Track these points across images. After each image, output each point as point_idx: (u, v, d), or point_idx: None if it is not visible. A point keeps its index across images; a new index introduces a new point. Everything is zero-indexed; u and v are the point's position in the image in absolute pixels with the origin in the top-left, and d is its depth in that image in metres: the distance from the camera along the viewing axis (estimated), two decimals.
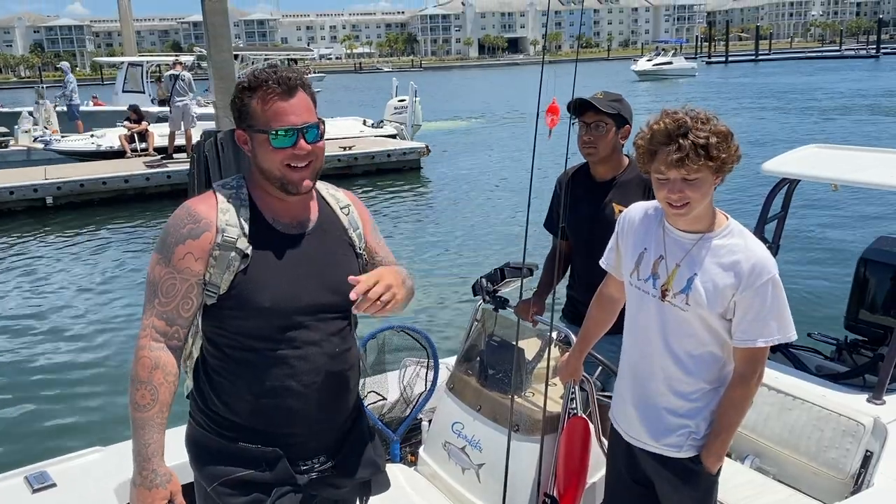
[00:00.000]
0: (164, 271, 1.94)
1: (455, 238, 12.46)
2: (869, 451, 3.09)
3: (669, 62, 65.02)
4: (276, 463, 2.01)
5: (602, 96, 3.18)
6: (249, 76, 1.96)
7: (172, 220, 1.98)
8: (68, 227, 13.74)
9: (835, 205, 12.90)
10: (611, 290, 2.62)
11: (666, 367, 2.30)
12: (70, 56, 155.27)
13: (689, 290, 2.20)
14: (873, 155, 4.27)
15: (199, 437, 2.08)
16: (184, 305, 1.95)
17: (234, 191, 2.02)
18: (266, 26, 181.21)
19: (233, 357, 2.02)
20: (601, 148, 3.16)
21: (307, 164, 1.96)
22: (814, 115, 30.12)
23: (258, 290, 1.95)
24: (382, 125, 21.52)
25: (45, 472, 2.96)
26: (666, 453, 2.34)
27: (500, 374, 3.13)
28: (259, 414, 2.02)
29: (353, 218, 2.20)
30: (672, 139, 2.07)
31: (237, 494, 2.00)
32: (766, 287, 2.15)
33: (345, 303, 2.07)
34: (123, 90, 22.88)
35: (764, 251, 2.21)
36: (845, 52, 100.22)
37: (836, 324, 4.82)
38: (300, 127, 1.93)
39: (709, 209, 2.22)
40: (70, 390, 6.94)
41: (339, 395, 2.12)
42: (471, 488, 3.07)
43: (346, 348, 2.12)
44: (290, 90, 1.93)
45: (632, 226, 2.42)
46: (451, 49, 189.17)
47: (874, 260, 4.49)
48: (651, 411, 2.36)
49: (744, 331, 2.19)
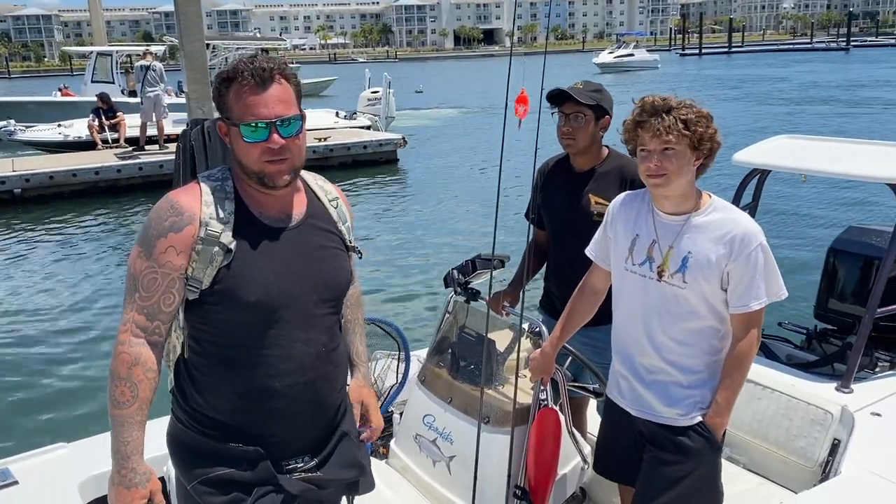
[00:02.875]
0: (144, 265, 1.86)
1: (429, 230, 12.45)
2: (836, 440, 3.12)
3: (631, 54, 64.85)
4: (258, 462, 1.96)
5: (582, 86, 3.13)
6: (228, 68, 1.89)
7: (154, 212, 1.90)
8: (37, 221, 13.50)
9: (806, 195, 13.06)
10: (595, 282, 2.68)
11: (668, 345, 2.41)
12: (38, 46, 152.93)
13: (684, 268, 2.34)
14: (842, 145, 4.31)
15: (180, 434, 2.02)
16: (165, 300, 1.87)
17: (220, 182, 1.95)
18: (239, 16, 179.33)
19: (215, 354, 1.95)
20: (580, 139, 3.12)
21: (284, 159, 1.88)
22: (784, 105, 30.47)
23: (242, 285, 1.88)
24: (356, 117, 21.39)
25: (6, 470, 2.90)
26: (674, 423, 2.43)
27: (472, 366, 3.11)
28: (241, 413, 1.96)
29: (342, 211, 2.14)
30: (657, 112, 2.26)
31: (217, 493, 1.95)
32: (756, 253, 2.29)
33: (335, 297, 2.06)
34: (92, 80, 22.46)
35: (750, 221, 2.35)
36: (816, 45, 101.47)
37: (806, 313, 4.88)
38: (273, 120, 1.85)
39: (692, 190, 2.37)
40: (34, 387, 6.82)
41: (325, 396, 2.05)
42: (442, 481, 3.05)
43: (333, 347, 2.06)
44: (264, 82, 1.85)
45: (621, 214, 2.52)
46: (427, 40, 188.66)
47: (843, 250, 4.54)
48: (657, 386, 2.46)
49: (739, 297, 2.33)
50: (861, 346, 3.57)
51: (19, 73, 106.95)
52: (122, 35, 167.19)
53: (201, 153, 2.95)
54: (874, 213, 11.15)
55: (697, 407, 2.43)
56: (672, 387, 2.44)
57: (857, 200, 12.74)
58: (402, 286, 9.37)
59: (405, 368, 3.60)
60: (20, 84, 71.41)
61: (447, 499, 3.00)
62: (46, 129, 19.23)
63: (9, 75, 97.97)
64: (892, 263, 3.69)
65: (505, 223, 3.04)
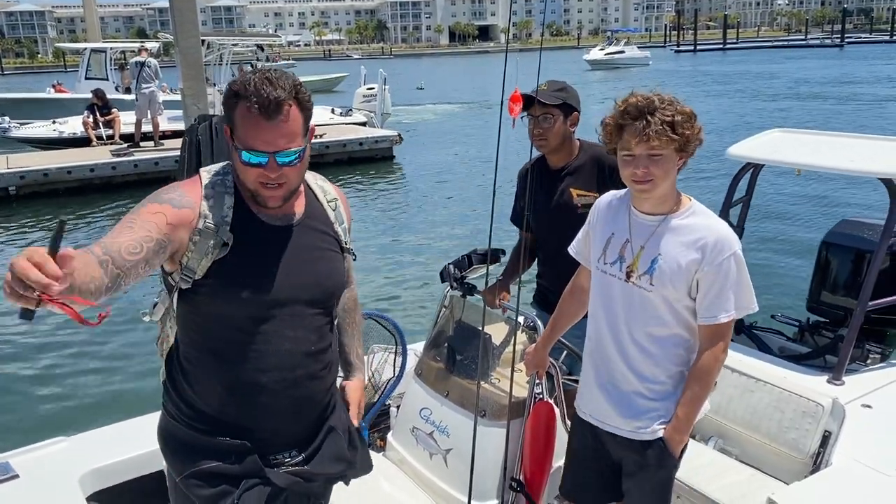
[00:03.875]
0: (126, 218, 1.80)
1: (425, 226, 12.47)
2: (827, 432, 3.15)
3: (621, 51, 64.23)
4: (245, 455, 1.98)
5: (546, 87, 3.20)
6: (241, 81, 1.85)
7: (156, 191, 1.90)
8: (33, 218, 13.48)
9: (799, 189, 13.12)
10: (582, 282, 2.64)
11: (632, 351, 2.34)
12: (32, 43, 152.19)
13: (653, 270, 2.25)
14: (835, 139, 4.34)
15: (170, 427, 2.06)
16: (130, 248, 1.68)
17: (221, 177, 1.96)
18: (233, 13, 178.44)
19: (205, 346, 1.98)
20: (551, 139, 3.22)
21: (280, 184, 1.88)
22: (777, 101, 30.52)
23: (235, 279, 1.91)
24: (352, 113, 21.36)
25: (7, 464, 2.92)
26: (634, 436, 2.37)
27: (468, 359, 3.14)
28: (229, 407, 1.99)
29: (340, 212, 2.16)
30: (641, 115, 2.16)
31: (205, 486, 1.97)
32: (729, 262, 2.20)
33: (326, 298, 2.07)
34: (86, 77, 22.38)
35: (726, 228, 2.26)
36: (811, 42, 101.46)
37: (799, 306, 4.91)
38: (272, 152, 1.84)
39: (672, 191, 2.28)
40: (33, 382, 6.84)
41: (313, 393, 2.07)
42: (438, 473, 3.08)
43: (322, 347, 2.07)
44: (270, 115, 1.80)
45: (602, 213, 2.46)
46: (422, 36, 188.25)
47: (836, 243, 4.56)
48: (619, 395, 2.39)
49: (706, 307, 2.24)
50: (852, 339, 3.61)
51: (12, 69, 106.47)
52: (116, 31, 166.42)
53: (208, 148, 2.97)
54: (867, 207, 11.21)
55: (660, 420, 2.35)
56: (634, 397, 2.36)
57: (849, 194, 12.81)
58: (398, 281, 9.40)
59: (402, 362, 3.63)
60: (13, 81, 71.09)
61: (444, 491, 3.03)
62: (41, 125, 19.16)
63: (2, 72, 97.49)
64: (883, 256, 3.73)
65: (500, 219, 3.07)
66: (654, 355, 2.32)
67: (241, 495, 1.97)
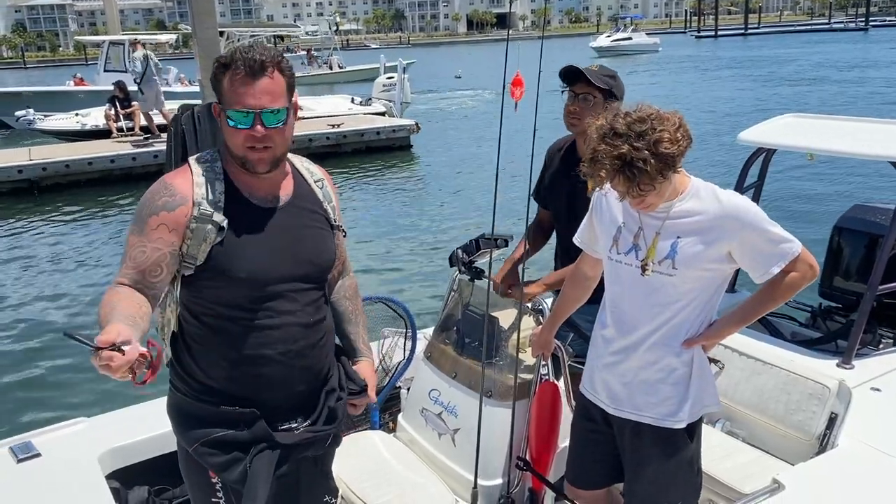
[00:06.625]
0: (135, 241, 1.96)
1: (440, 213, 12.53)
2: (834, 413, 3.17)
3: (629, 38, 62.92)
4: (254, 423, 2.07)
5: (597, 69, 3.12)
6: (227, 53, 1.98)
7: (148, 193, 2.01)
8: (55, 209, 13.69)
9: (811, 174, 12.99)
10: (584, 269, 2.66)
11: (649, 338, 2.35)
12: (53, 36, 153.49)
13: (674, 254, 2.25)
14: (848, 124, 4.31)
15: (179, 402, 2.14)
16: (152, 272, 1.95)
17: (209, 164, 2.06)
18: (251, 4, 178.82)
19: (210, 325, 2.07)
20: (585, 121, 3.14)
21: (266, 147, 1.97)
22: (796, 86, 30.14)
23: (234, 261, 2.00)
24: (371, 103, 21.40)
25: (29, 443, 3.01)
26: (651, 422, 2.40)
27: (476, 342, 3.18)
28: (235, 381, 2.08)
29: (328, 191, 2.25)
30: (617, 172, 2.08)
31: (217, 454, 2.07)
32: (752, 223, 2.21)
33: (318, 274, 2.17)
34: (105, 69, 22.62)
35: (734, 194, 2.27)
36: (834, 26, 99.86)
37: (811, 291, 4.89)
38: (256, 111, 1.93)
39: (670, 184, 2.22)
40: (57, 366, 7.00)
41: (314, 363, 2.17)
42: (447, 453, 3.14)
43: (319, 318, 2.18)
44: (255, 73, 1.92)
45: (606, 203, 2.46)
46: (440, 25, 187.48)
47: (848, 228, 4.53)
48: (635, 383, 2.41)
49: (758, 267, 2.26)
50: (862, 323, 3.60)
51: (35, 62, 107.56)
52: (135, 24, 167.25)
53: (192, 137, 3.03)
54: (881, 191, 11.08)
55: (677, 406, 2.36)
56: (650, 384, 2.38)
57: (862, 178, 12.66)
58: (410, 266, 9.51)
59: (412, 345, 3.69)
60: (35, 74, 71.87)
61: (452, 470, 3.09)
62: (64, 117, 19.42)
63: (24, 65, 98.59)
64: (894, 240, 3.71)
65: (510, 205, 3.09)
66: (668, 342, 2.34)
67: (252, 459, 2.06)
